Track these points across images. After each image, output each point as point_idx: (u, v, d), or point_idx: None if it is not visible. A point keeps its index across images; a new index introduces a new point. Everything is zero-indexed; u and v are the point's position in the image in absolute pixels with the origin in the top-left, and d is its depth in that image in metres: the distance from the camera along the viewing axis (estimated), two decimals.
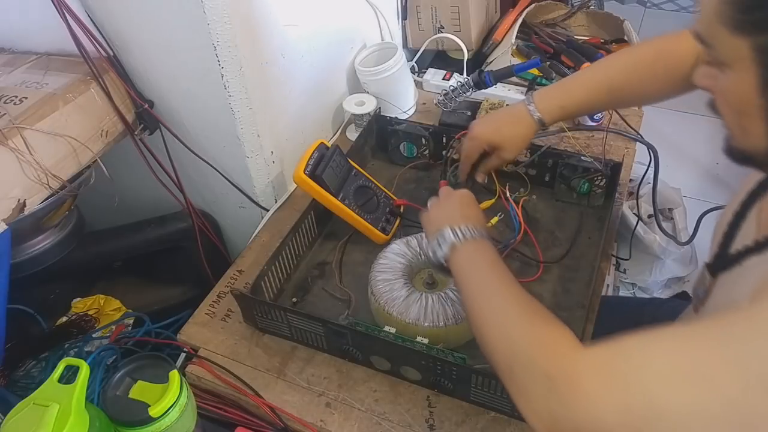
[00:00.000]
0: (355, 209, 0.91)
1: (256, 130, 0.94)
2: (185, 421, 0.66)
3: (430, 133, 1.05)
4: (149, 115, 0.92)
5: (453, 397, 0.75)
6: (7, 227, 0.74)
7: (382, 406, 0.75)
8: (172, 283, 1.15)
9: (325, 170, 0.88)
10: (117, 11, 0.82)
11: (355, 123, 1.19)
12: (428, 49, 1.38)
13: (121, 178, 0.95)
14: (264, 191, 1.03)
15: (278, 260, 0.86)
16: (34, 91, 0.82)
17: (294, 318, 0.78)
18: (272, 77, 0.95)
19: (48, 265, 0.93)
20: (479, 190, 1.02)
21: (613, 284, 1.60)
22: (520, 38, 1.39)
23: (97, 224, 1.08)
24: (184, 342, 0.85)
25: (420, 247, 0.86)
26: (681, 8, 2.80)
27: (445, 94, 1.13)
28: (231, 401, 0.78)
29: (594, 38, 1.46)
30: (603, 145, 1.09)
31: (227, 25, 0.80)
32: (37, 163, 0.77)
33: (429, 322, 0.76)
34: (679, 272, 1.63)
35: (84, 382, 0.61)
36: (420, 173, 1.08)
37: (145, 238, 1.07)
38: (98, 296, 1.00)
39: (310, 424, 0.73)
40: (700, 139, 2.21)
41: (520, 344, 0.52)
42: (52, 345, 0.91)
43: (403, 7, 1.34)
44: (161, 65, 0.87)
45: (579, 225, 0.94)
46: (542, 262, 0.89)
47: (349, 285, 0.89)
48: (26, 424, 0.58)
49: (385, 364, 0.76)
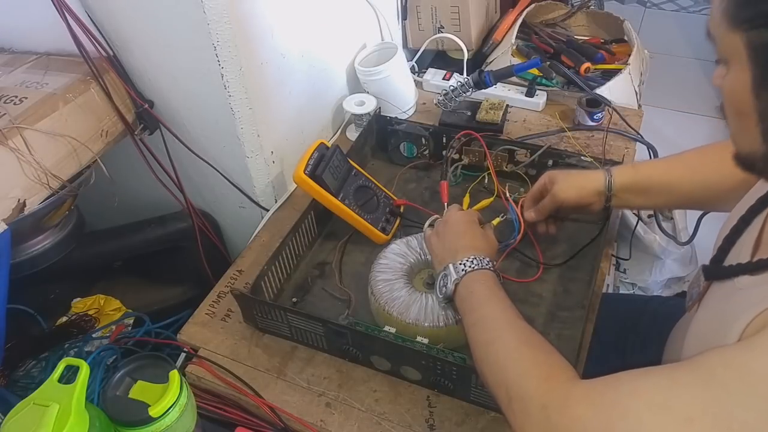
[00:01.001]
0: (355, 209, 0.91)
1: (256, 130, 0.94)
2: (185, 421, 0.66)
3: (430, 133, 1.05)
4: (149, 115, 0.92)
5: (453, 397, 0.75)
6: (7, 227, 0.74)
7: (382, 406, 0.75)
8: (172, 283, 1.15)
9: (325, 170, 0.88)
10: (117, 11, 0.82)
11: (355, 123, 1.19)
12: (428, 49, 1.38)
13: (121, 178, 0.95)
14: (264, 191, 1.03)
15: (278, 260, 0.86)
16: (34, 91, 0.82)
17: (294, 318, 0.78)
18: (272, 77, 0.95)
19: (48, 265, 0.93)
20: (479, 190, 1.02)
21: (613, 284, 1.60)
22: (520, 38, 1.39)
23: (97, 224, 1.08)
24: (184, 342, 0.85)
25: (420, 247, 0.86)
26: (681, 8, 2.80)
27: (445, 94, 1.13)
28: (231, 401, 0.78)
29: (594, 38, 1.46)
30: (603, 145, 1.09)
31: (227, 26, 0.80)
32: (37, 163, 0.77)
33: (429, 322, 0.76)
34: (679, 272, 1.62)
35: (84, 382, 0.61)
36: (420, 173, 1.08)
37: (145, 238, 1.07)
38: (98, 296, 1.00)
39: (310, 424, 0.73)
40: (700, 139, 2.20)
41: (519, 378, 0.54)
42: (52, 345, 0.91)
43: (403, 7, 1.35)
44: (161, 65, 0.87)
45: (579, 225, 0.94)
46: (542, 264, 0.89)
47: (349, 285, 0.89)
48: (26, 424, 0.58)
49: (385, 364, 0.76)
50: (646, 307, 1.00)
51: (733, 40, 0.46)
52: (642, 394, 0.45)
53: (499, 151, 1.01)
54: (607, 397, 0.47)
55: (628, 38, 1.39)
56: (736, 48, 0.46)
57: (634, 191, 0.82)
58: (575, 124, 1.16)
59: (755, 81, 0.46)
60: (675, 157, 0.82)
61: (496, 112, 1.13)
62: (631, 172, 0.82)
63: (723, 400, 0.42)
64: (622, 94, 1.23)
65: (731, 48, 0.47)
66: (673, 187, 0.81)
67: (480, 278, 0.69)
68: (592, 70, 1.28)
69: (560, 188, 0.83)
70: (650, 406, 0.44)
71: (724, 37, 0.47)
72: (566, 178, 0.84)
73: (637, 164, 0.85)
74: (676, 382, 0.45)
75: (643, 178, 0.82)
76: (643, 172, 0.82)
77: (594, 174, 0.84)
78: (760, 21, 0.44)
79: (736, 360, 0.44)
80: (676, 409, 0.43)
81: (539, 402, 0.50)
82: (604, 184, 0.82)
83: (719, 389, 0.43)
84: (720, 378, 0.43)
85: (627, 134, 1.12)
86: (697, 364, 0.46)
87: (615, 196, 0.82)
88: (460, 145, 1.01)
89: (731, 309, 0.52)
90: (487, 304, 0.66)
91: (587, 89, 1.22)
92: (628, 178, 0.81)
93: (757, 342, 0.44)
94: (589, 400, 0.48)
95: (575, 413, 0.47)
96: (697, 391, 0.44)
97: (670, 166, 0.82)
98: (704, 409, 0.43)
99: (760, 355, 0.43)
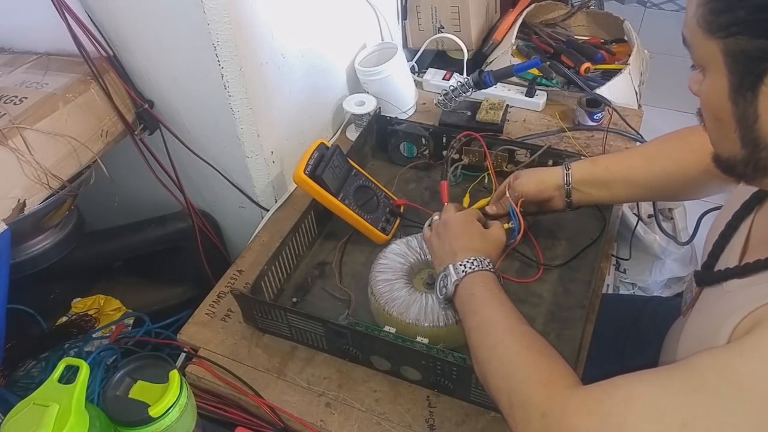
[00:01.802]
0: (355, 209, 0.91)
1: (256, 130, 0.94)
2: (185, 421, 0.66)
3: (430, 133, 1.05)
4: (149, 115, 0.92)
5: (453, 397, 0.75)
6: (7, 227, 0.74)
7: (382, 406, 0.75)
8: (172, 283, 1.15)
9: (325, 170, 0.88)
10: (117, 11, 0.82)
11: (355, 123, 1.19)
12: (428, 49, 1.38)
13: (121, 178, 0.95)
14: (264, 191, 1.03)
15: (278, 260, 0.86)
16: (34, 91, 0.82)
17: (294, 318, 0.78)
18: (272, 77, 0.95)
19: (48, 265, 0.93)
20: (479, 190, 1.02)
21: (613, 284, 1.60)
22: (520, 38, 1.39)
23: (97, 224, 1.08)
24: (184, 342, 0.85)
25: (420, 247, 0.86)
26: (681, 8, 2.80)
27: (445, 94, 1.13)
28: (231, 401, 0.78)
29: (594, 38, 1.46)
30: (603, 145, 1.09)
31: (227, 26, 0.80)
32: (37, 163, 0.77)
33: (429, 322, 0.76)
34: (679, 272, 1.62)
35: (84, 382, 0.61)
36: (420, 173, 1.08)
37: (145, 238, 1.07)
38: (98, 296, 1.00)
39: (310, 424, 0.73)
40: None
41: (521, 384, 0.54)
42: (52, 345, 0.91)
43: (403, 7, 1.35)
44: (161, 65, 0.87)
45: (579, 225, 0.94)
46: (542, 264, 0.89)
47: (349, 285, 0.89)
48: (26, 424, 0.58)
49: (385, 364, 0.76)
50: (645, 307, 1.01)
51: (709, 47, 0.46)
52: (637, 400, 0.46)
53: (499, 151, 1.01)
54: (604, 406, 0.47)
55: (628, 38, 1.39)
56: (713, 55, 0.46)
57: (594, 185, 0.82)
58: (575, 124, 1.16)
59: (732, 88, 0.46)
60: (634, 149, 0.83)
61: (496, 112, 1.13)
62: (589, 166, 0.83)
63: (715, 405, 0.43)
64: (622, 94, 1.23)
65: (707, 55, 0.47)
66: (632, 178, 0.81)
67: (480, 280, 0.69)
68: (592, 70, 1.28)
69: (520, 182, 0.84)
70: (645, 414, 0.45)
71: (700, 45, 0.47)
72: (528, 173, 0.86)
73: (596, 158, 0.85)
74: (669, 388, 0.46)
75: (601, 170, 0.82)
76: (601, 165, 0.83)
77: (554, 169, 0.85)
78: (735, 29, 0.44)
79: (726, 364, 0.44)
80: (670, 416, 0.44)
81: (539, 410, 0.50)
82: (562, 178, 0.82)
83: (711, 394, 0.43)
84: (711, 382, 0.44)
85: (627, 134, 1.12)
86: (690, 368, 0.46)
87: (575, 190, 0.82)
88: (460, 145, 1.01)
89: (721, 312, 0.53)
90: (488, 307, 0.65)
91: (587, 89, 1.22)
92: (587, 172, 0.82)
93: (746, 344, 0.45)
94: (586, 409, 0.48)
95: (573, 423, 0.48)
96: (690, 396, 0.44)
97: (628, 158, 0.83)
98: (697, 414, 0.43)
99: (749, 359, 0.43)
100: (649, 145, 0.84)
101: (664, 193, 0.84)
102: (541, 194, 0.84)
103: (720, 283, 0.58)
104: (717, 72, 0.47)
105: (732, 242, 0.62)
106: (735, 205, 0.63)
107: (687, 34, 0.49)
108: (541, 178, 0.84)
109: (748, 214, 0.61)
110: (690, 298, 0.67)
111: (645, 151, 0.84)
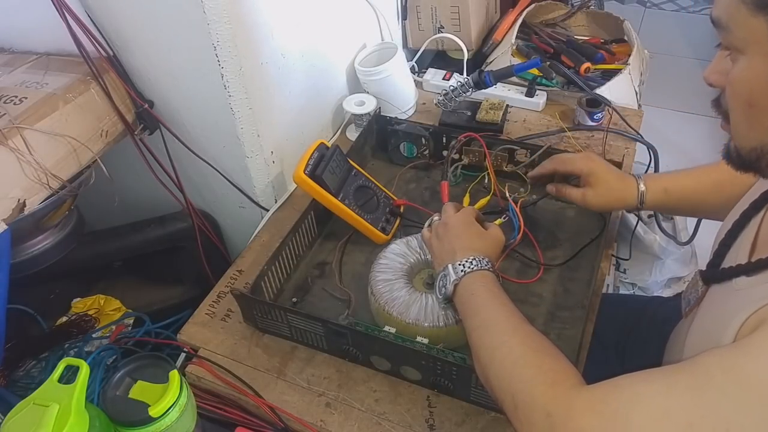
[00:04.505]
0: (355, 209, 0.91)
1: (256, 130, 0.94)
2: (185, 421, 0.66)
3: (430, 133, 1.05)
4: (149, 115, 0.92)
5: (453, 397, 0.75)
6: (7, 227, 0.74)
7: (382, 406, 0.75)
8: (172, 283, 1.15)
9: (325, 170, 0.88)
10: (117, 11, 0.82)
11: (355, 123, 1.19)
12: (428, 49, 1.38)
13: (121, 178, 0.95)
14: (264, 191, 1.03)
15: (278, 260, 0.86)
16: (34, 91, 0.82)
17: (294, 318, 0.78)
18: (272, 77, 0.95)
19: (48, 265, 0.93)
20: (479, 190, 1.02)
21: (613, 284, 1.60)
22: (520, 38, 1.39)
23: (97, 224, 1.08)
24: (184, 342, 0.85)
25: (420, 247, 0.86)
26: (681, 8, 2.80)
27: (445, 94, 1.13)
28: (231, 401, 0.78)
29: (594, 38, 1.46)
30: (603, 145, 1.09)
31: (227, 25, 0.80)
32: (37, 163, 0.77)
33: (429, 322, 0.76)
34: (679, 272, 1.62)
35: (84, 382, 0.61)
36: (420, 173, 1.08)
37: (145, 238, 1.07)
38: (98, 296, 1.00)
39: (310, 424, 0.73)
40: (700, 139, 2.20)
41: (525, 385, 0.54)
42: (52, 345, 0.91)
43: (403, 7, 1.35)
44: (161, 65, 0.87)
45: (579, 225, 0.94)
46: (543, 265, 0.89)
47: (349, 285, 0.89)
48: (26, 424, 0.58)
49: (385, 364, 0.76)
50: (645, 308, 1.00)
51: (753, 25, 0.44)
52: (643, 400, 0.45)
53: (499, 151, 1.01)
54: (610, 405, 0.47)
55: (628, 38, 1.39)
56: (756, 34, 0.44)
57: (661, 209, 0.83)
58: (575, 124, 1.16)
59: None
60: (704, 173, 0.81)
61: (496, 112, 1.13)
62: (662, 196, 0.82)
63: (721, 404, 0.43)
64: (622, 94, 1.23)
65: (749, 35, 0.45)
66: (701, 208, 0.82)
67: (480, 279, 0.69)
68: (592, 70, 1.28)
69: (595, 194, 0.83)
70: (651, 414, 0.44)
71: (742, 24, 0.45)
72: (603, 185, 0.83)
73: (666, 182, 0.82)
74: (675, 388, 0.45)
75: (674, 201, 0.82)
76: (673, 196, 0.82)
77: (627, 191, 0.83)
78: None
79: (732, 363, 0.44)
80: (676, 415, 0.44)
81: (544, 410, 0.50)
82: (635, 204, 0.82)
83: (717, 393, 0.43)
84: (717, 382, 0.43)
85: (627, 134, 1.12)
86: (696, 367, 0.46)
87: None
88: (460, 145, 1.01)
89: (729, 310, 0.52)
90: (490, 307, 0.65)
91: (587, 89, 1.22)
92: (659, 202, 0.82)
93: (752, 343, 0.44)
94: (592, 409, 0.48)
95: (578, 423, 0.47)
96: (696, 395, 0.44)
97: (699, 183, 0.81)
98: (703, 414, 0.43)
99: (755, 358, 0.43)
100: (721, 170, 0.78)
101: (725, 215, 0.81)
102: (604, 209, 0.86)
103: (728, 280, 0.57)
104: (759, 52, 0.45)
105: (740, 240, 0.61)
106: (743, 204, 0.63)
107: (723, 15, 0.47)
108: (615, 199, 0.83)
109: (757, 212, 0.61)
110: (694, 298, 0.66)
111: (717, 177, 0.80)
